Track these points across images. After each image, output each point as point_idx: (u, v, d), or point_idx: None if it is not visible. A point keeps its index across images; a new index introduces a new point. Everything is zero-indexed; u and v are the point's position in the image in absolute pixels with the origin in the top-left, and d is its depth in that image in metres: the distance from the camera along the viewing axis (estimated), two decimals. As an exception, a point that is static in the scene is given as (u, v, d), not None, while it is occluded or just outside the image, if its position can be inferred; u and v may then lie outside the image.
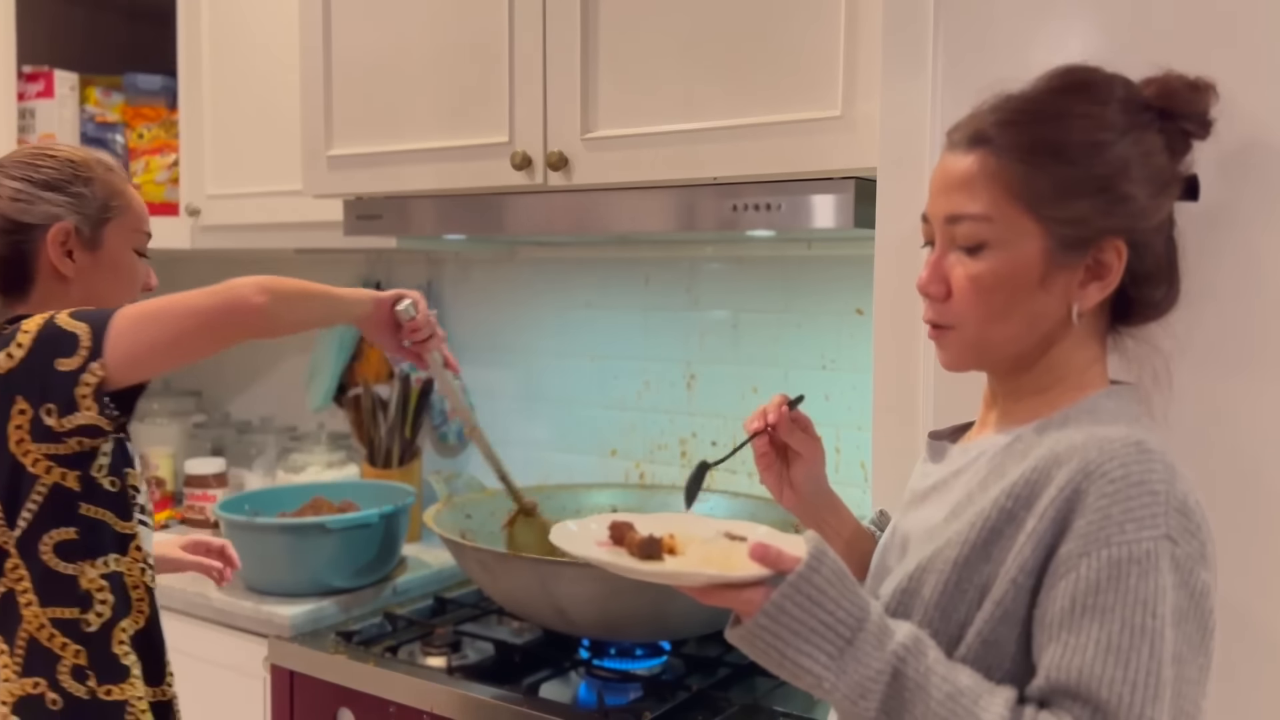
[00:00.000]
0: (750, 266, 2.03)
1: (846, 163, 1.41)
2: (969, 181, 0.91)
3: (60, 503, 1.27)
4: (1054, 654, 0.83)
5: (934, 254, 0.95)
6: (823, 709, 1.52)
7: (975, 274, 0.91)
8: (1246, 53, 1.00)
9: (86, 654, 1.29)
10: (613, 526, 0.98)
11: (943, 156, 0.95)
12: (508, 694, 1.58)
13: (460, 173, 1.78)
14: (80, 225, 1.35)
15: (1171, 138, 0.92)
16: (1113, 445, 0.85)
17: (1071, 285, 0.91)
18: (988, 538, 0.89)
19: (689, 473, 1.18)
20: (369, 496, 2.12)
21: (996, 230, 0.90)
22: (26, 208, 1.33)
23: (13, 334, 1.24)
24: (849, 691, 0.84)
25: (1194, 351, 1.01)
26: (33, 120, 2.45)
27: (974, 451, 0.98)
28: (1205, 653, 0.85)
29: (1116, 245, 0.90)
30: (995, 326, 0.93)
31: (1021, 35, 1.11)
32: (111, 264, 1.38)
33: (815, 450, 1.12)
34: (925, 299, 0.96)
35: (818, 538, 0.88)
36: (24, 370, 1.23)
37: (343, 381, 2.52)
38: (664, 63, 1.57)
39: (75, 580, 1.28)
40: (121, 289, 1.40)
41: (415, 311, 1.48)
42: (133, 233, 1.40)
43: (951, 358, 0.97)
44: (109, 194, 1.38)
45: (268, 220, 2.20)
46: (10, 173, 1.35)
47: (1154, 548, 0.82)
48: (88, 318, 1.24)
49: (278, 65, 2.12)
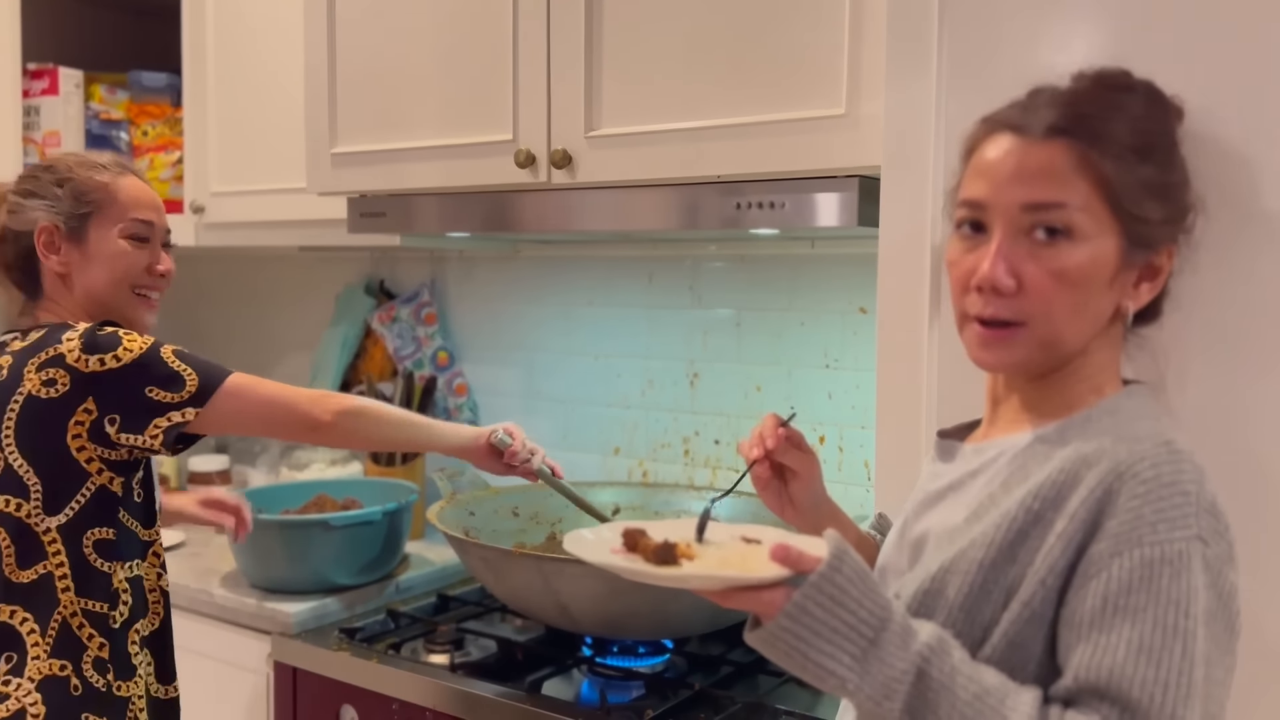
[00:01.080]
0: (754, 265, 2.03)
1: (850, 161, 1.41)
2: (1056, 170, 0.88)
3: (104, 504, 1.39)
4: (1084, 653, 0.82)
5: (997, 244, 0.89)
6: (825, 707, 1.52)
7: (1060, 268, 0.88)
8: (1254, 51, 1.00)
9: (109, 648, 1.38)
10: (626, 534, 0.98)
11: (1007, 142, 0.91)
12: (510, 691, 1.58)
13: (464, 170, 1.78)
14: (59, 223, 1.46)
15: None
16: (1143, 446, 0.85)
17: (1127, 286, 0.92)
18: (1014, 539, 0.88)
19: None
20: (372, 494, 2.12)
21: (1086, 222, 0.88)
22: (17, 216, 1.47)
23: (111, 341, 1.36)
24: (873, 692, 0.84)
25: (1204, 343, 1.01)
26: (37, 118, 2.46)
27: (991, 451, 0.97)
28: (1231, 654, 0.85)
29: (1170, 250, 0.93)
30: (1071, 323, 0.90)
31: (1027, 33, 1.11)
32: (99, 255, 1.47)
33: (812, 466, 1.11)
34: (984, 294, 0.90)
35: (838, 537, 0.86)
36: (112, 380, 1.35)
37: (346, 379, 2.52)
38: (668, 61, 1.56)
39: (109, 578, 1.39)
40: (115, 277, 1.48)
41: (511, 440, 1.59)
42: (120, 221, 1.48)
43: (1019, 357, 0.92)
44: (85, 190, 1.47)
45: (272, 217, 2.20)
46: (11, 188, 1.50)
47: (1186, 548, 0.82)
48: (198, 368, 1.39)
49: (282, 62, 2.12)
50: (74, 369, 1.35)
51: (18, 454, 1.36)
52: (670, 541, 0.95)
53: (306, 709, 1.79)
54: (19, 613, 1.35)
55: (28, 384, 1.36)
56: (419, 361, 2.42)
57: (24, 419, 1.36)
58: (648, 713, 1.50)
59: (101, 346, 1.36)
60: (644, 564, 0.93)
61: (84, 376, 1.35)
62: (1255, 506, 1.02)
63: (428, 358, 2.42)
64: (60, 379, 1.35)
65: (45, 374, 1.36)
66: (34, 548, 1.36)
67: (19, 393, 1.36)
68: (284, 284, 2.77)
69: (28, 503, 1.36)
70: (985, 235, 0.91)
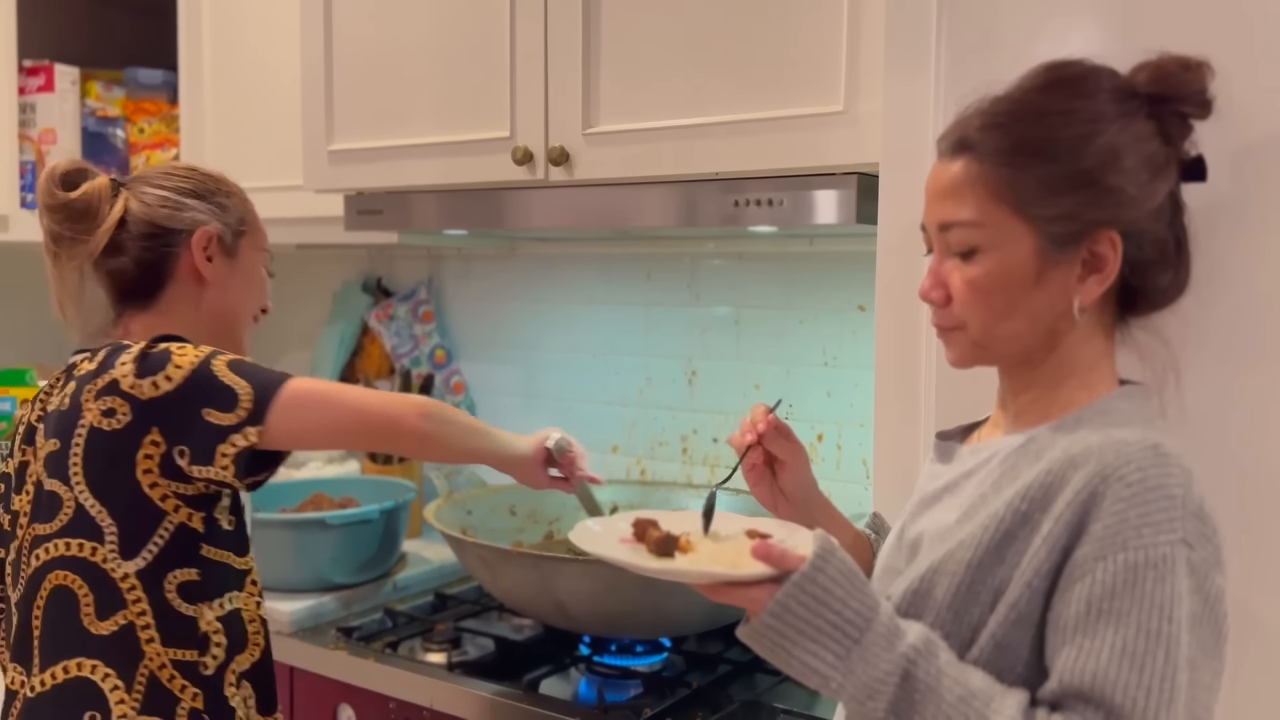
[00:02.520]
0: (752, 262, 2.02)
1: (849, 158, 1.40)
2: (956, 189, 0.92)
3: (185, 543, 1.24)
4: (1068, 657, 0.82)
5: (933, 261, 0.96)
6: (824, 706, 1.52)
7: (971, 278, 0.92)
8: (1252, 44, 0.99)
9: (204, 697, 1.25)
10: (636, 524, 0.99)
11: (934, 165, 0.96)
12: (508, 690, 1.58)
13: (461, 168, 1.77)
14: (223, 232, 1.37)
15: (1166, 122, 0.91)
16: (1130, 449, 0.85)
17: (1070, 280, 0.91)
18: (1001, 540, 0.88)
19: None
20: (370, 492, 2.12)
21: (986, 234, 0.91)
22: (173, 213, 1.35)
23: (161, 360, 1.22)
24: (857, 691, 0.84)
25: (1204, 342, 1.00)
26: (33, 115, 2.45)
27: (985, 452, 0.98)
28: (1218, 658, 0.85)
29: (1110, 237, 0.90)
30: (999, 325, 0.93)
31: (1025, 29, 1.11)
32: (245, 275, 1.41)
33: (799, 456, 1.12)
34: (930, 306, 0.97)
35: (825, 536, 0.87)
36: (167, 404, 1.20)
37: (344, 377, 2.52)
38: (666, 57, 1.56)
39: (195, 622, 1.25)
40: (251, 300, 1.43)
41: (569, 446, 1.45)
42: (261, 251, 1.44)
43: (959, 355, 0.97)
44: (245, 209, 1.42)
45: (269, 215, 2.15)
46: (153, 182, 1.37)
47: (1170, 552, 0.82)
48: (250, 376, 1.22)
49: (279, 59, 2.11)
50: (131, 396, 1.20)
51: (88, 493, 1.22)
52: (673, 534, 0.95)
53: (304, 708, 1.79)
54: (100, 668, 1.21)
55: (88, 415, 1.22)
56: (416, 359, 2.41)
57: (90, 454, 1.22)
58: (645, 711, 1.50)
59: (154, 367, 1.21)
60: (641, 556, 0.94)
61: (142, 404, 1.20)
62: (1256, 508, 1.01)
63: (425, 355, 2.41)
64: (120, 409, 1.21)
65: (103, 403, 1.21)
66: (112, 596, 1.22)
67: (81, 425, 1.22)
68: (281, 282, 2.73)
69: (103, 546, 1.22)
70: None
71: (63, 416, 1.25)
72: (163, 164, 1.45)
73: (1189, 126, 0.92)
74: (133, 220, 1.33)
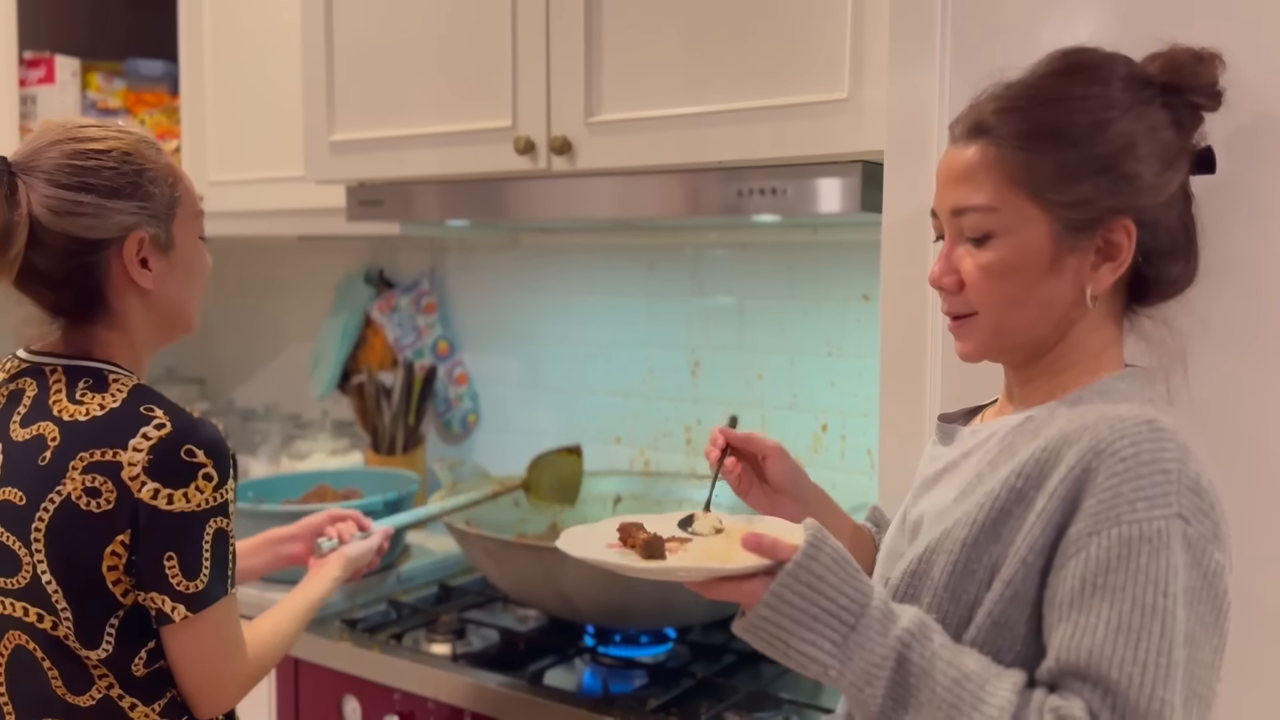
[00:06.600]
0: (755, 252, 2.02)
1: (853, 146, 1.40)
2: (971, 173, 0.91)
3: (143, 621, 1.15)
4: (1064, 634, 0.82)
5: (944, 247, 0.96)
6: (827, 696, 1.51)
7: (984, 263, 0.91)
8: (1259, 30, 0.99)
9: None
10: (621, 528, 0.98)
11: (946, 150, 0.95)
12: (512, 681, 1.58)
13: (463, 158, 1.77)
14: (156, 231, 1.19)
15: (1178, 112, 0.91)
16: (1124, 424, 0.84)
17: (1083, 268, 0.91)
18: (997, 518, 0.88)
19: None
20: (373, 484, 2.12)
21: (1002, 219, 0.90)
22: (95, 223, 1.14)
23: (182, 475, 1.11)
24: (855, 679, 0.84)
25: (1212, 330, 1.00)
26: (34, 106, 2.44)
27: (985, 433, 0.98)
28: (1219, 634, 0.85)
29: (1125, 225, 0.90)
30: (1011, 313, 0.92)
31: (1031, 16, 1.10)
32: (185, 263, 1.23)
33: (773, 447, 1.12)
34: (940, 292, 0.97)
35: (816, 525, 0.88)
36: (155, 518, 1.11)
37: (347, 369, 2.51)
38: (668, 46, 1.55)
39: (170, 673, 1.17)
40: (197, 287, 1.26)
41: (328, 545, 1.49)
42: (194, 219, 1.25)
43: (973, 346, 0.96)
44: (169, 180, 1.21)
45: (270, 206, 2.19)
46: (61, 180, 1.14)
47: (1165, 526, 0.81)
48: (217, 564, 1.14)
49: (280, 50, 2.11)
50: (125, 487, 1.09)
51: (46, 568, 1.12)
52: (660, 535, 0.96)
53: (309, 699, 1.79)
54: None
55: (69, 484, 1.10)
56: (419, 351, 2.41)
57: (56, 527, 1.11)
58: (650, 702, 1.50)
59: (169, 477, 1.10)
60: (631, 559, 0.94)
61: (134, 503, 1.09)
62: (1264, 496, 1.01)
63: (428, 347, 2.41)
64: (107, 492, 1.10)
65: (91, 479, 1.10)
66: (81, 672, 1.14)
67: (57, 491, 1.10)
68: (283, 273, 2.76)
69: (61, 624, 1.13)
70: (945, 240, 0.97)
71: (32, 464, 1.13)
72: (64, 146, 1.15)
73: (1200, 118, 0.93)
74: (46, 233, 1.13)
